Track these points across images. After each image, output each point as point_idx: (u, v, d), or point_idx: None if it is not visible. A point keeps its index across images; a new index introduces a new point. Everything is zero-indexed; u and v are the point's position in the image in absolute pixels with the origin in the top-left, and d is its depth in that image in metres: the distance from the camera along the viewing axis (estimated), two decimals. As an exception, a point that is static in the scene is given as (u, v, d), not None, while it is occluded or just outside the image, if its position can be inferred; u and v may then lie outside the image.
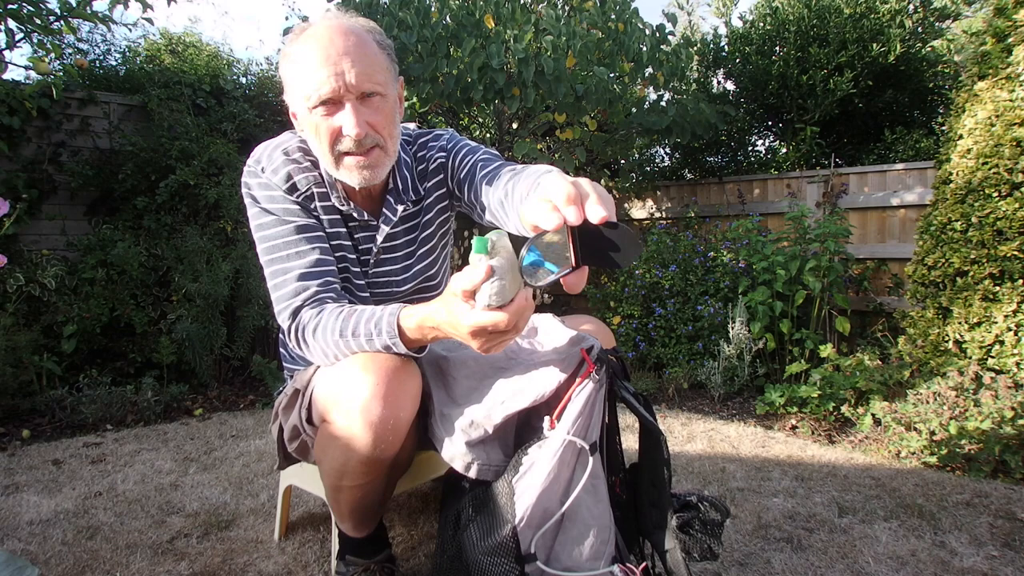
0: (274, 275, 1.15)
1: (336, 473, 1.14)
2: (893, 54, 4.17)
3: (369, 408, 1.01)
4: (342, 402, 1.05)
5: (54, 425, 2.75)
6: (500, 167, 1.16)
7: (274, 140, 1.22)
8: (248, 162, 1.19)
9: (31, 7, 2.58)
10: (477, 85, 3.17)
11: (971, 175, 2.52)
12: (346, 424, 1.05)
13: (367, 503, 1.22)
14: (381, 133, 1.10)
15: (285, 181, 1.16)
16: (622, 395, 1.09)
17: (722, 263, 3.60)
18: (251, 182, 1.18)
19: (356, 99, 1.07)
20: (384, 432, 1.03)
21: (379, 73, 1.09)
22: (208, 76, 4.15)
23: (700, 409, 3.04)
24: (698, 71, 4.96)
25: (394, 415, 1.03)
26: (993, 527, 1.65)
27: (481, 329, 0.86)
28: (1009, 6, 2.56)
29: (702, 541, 1.08)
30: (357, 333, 1.04)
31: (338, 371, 1.07)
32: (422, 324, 0.98)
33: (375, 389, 1.01)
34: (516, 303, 0.85)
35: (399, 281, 1.29)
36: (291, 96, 1.13)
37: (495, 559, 1.00)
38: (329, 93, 1.05)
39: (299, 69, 1.08)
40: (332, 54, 1.05)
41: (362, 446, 1.04)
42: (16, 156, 3.41)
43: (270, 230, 1.16)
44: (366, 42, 1.09)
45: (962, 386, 2.32)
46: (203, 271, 3.29)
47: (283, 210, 1.16)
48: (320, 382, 1.12)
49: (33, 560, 1.48)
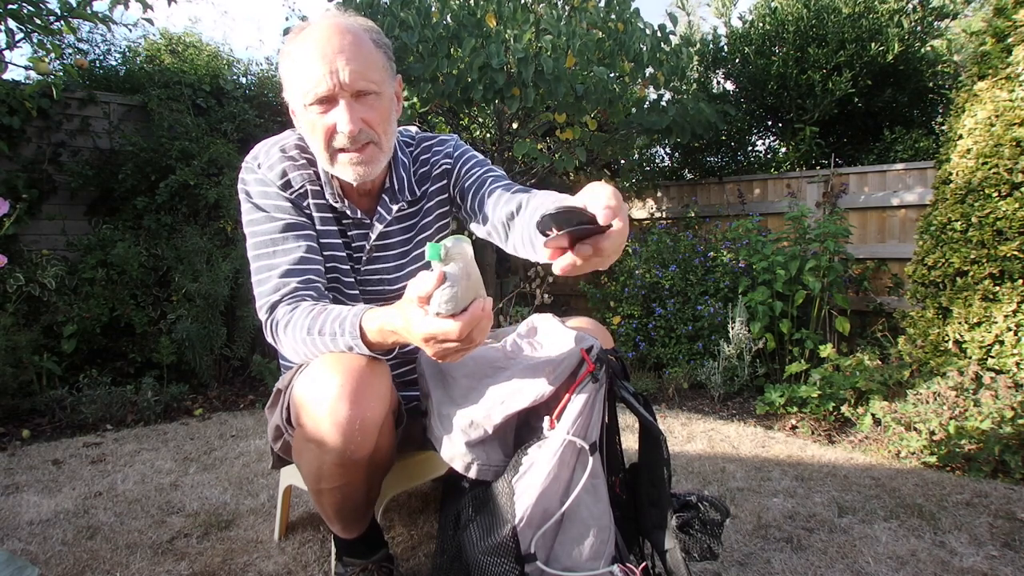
0: (259, 271, 1.16)
1: (313, 476, 1.13)
2: (892, 54, 4.17)
3: (335, 409, 1.01)
4: (311, 404, 1.04)
5: (54, 425, 2.75)
6: (510, 186, 1.19)
7: (273, 138, 1.23)
8: (247, 158, 1.21)
9: (31, 7, 2.58)
10: (477, 85, 3.17)
11: (971, 175, 2.52)
12: (315, 426, 1.04)
13: (350, 504, 1.21)
14: (375, 130, 1.11)
15: (280, 177, 1.18)
16: (622, 395, 1.09)
17: (722, 263, 3.60)
18: (247, 177, 1.20)
19: (351, 96, 1.08)
20: (352, 432, 1.02)
21: (374, 71, 1.10)
22: (208, 76, 4.15)
23: (700, 409, 3.05)
24: (698, 71, 4.96)
25: (360, 415, 1.02)
26: (993, 527, 1.65)
27: (431, 337, 0.87)
28: (1009, 6, 2.56)
29: (702, 541, 1.08)
30: (323, 331, 1.04)
31: (309, 372, 1.07)
32: (382, 328, 0.98)
33: (340, 390, 1.01)
34: (470, 312, 0.85)
35: (391, 280, 1.29)
36: (289, 94, 1.15)
37: (495, 559, 1.00)
38: (324, 91, 1.07)
39: (296, 67, 1.09)
40: (328, 52, 1.06)
41: (332, 447, 1.04)
42: (16, 156, 3.41)
43: (259, 227, 1.18)
44: (362, 40, 1.10)
45: (962, 386, 2.32)
46: (203, 271, 3.29)
47: (274, 207, 1.17)
48: (296, 383, 1.12)
49: (33, 560, 1.49)
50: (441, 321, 0.85)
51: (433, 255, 0.82)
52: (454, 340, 0.85)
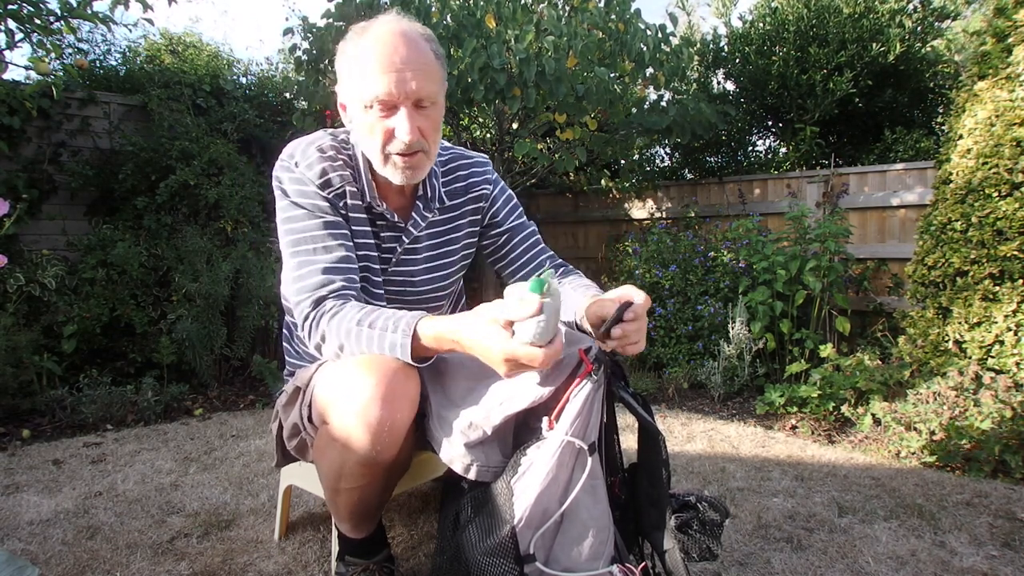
0: (299, 266, 1.17)
1: (334, 475, 1.14)
2: (893, 54, 4.17)
3: (368, 410, 1.02)
4: (341, 403, 1.05)
5: (54, 425, 2.75)
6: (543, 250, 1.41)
7: (308, 137, 1.25)
8: (281, 156, 1.23)
9: (31, 7, 2.58)
10: (478, 85, 3.17)
11: (971, 175, 2.52)
12: (344, 426, 1.05)
13: (365, 505, 1.22)
14: (427, 139, 1.16)
15: (319, 176, 1.19)
16: (620, 395, 1.09)
17: (722, 263, 3.60)
18: (283, 176, 1.21)
19: (412, 105, 1.12)
20: (381, 434, 1.04)
21: (435, 84, 1.15)
22: (208, 76, 4.15)
23: (700, 409, 3.04)
24: (698, 71, 4.96)
25: (392, 417, 1.03)
26: (993, 527, 1.65)
27: (515, 360, 0.93)
28: (1009, 6, 2.56)
29: (701, 541, 1.08)
30: (374, 325, 1.06)
31: (338, 372, 1.08)
32: (441, 335, 1.01)
33: (374, 391, 1.02)
34: (555, 345, 0.93)
35: (415, 283, 1.32)
36: (347, 91, 1.18)
37: (494, 559, 1.00)
38: (388, 97, 1.10)
39: (359, 69, 1.12)
40: (396, 61, 1.10)
41: (360, 448, 1.05)
42: (16, 156, 3.41)
43: (299, 223, 1.18)
44: (426, 52, 1.14)
45: (962, 386, 2.32)
46: (203, 271, 3.29)
47: (313, 205, 1.19)
48: (321, 382, 1.13)
49: (33, 560, 1.49)
50: (530, 348, 0.92)
51: (535, 288, 0.91)
52: (536, 367, 0.93)
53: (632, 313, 1.02)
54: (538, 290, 0.90)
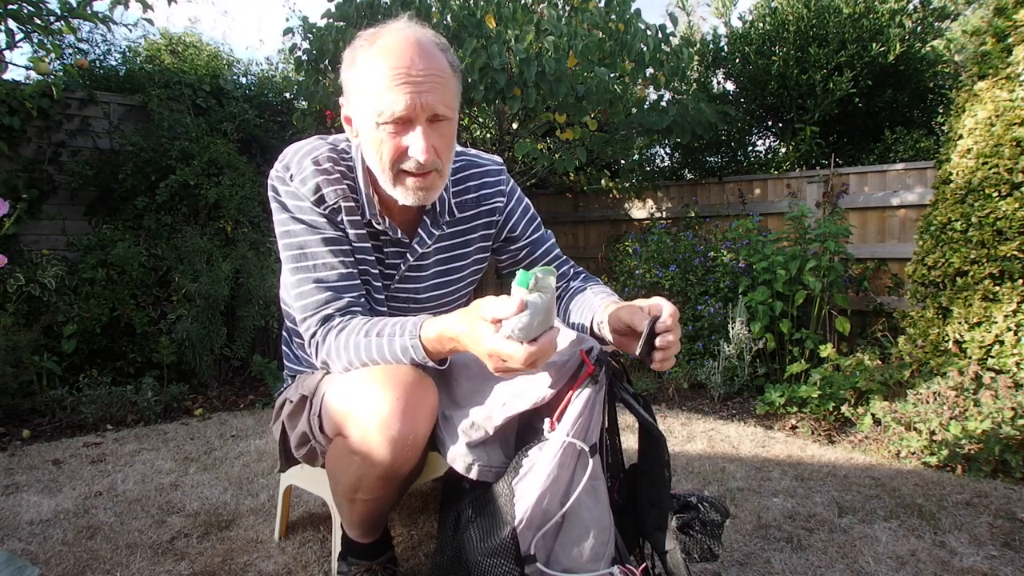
0: (301, 283, 1.14)
1: (351, 487, 1.13)
2: (893, 54, 4.17)
3: (388, 424, 1.01)
4: (359, 417, 1.03)
5: (54, 425, 2.75)
6: (565, 261, 1.40)
7: (304, 145, 1.18)
8: (276, 166, 1.16)
9: (31, 7, 2.58)
10: (478, 85, 3.17)
11: (971, 175, 2.52)
12: (364, 440, 1.04)
13: (377, 514, 1.23)
14: (441, 158, 1.09)
15: (313, 192, 1.13)
16: (622, 396, 1.09)
17: (722, 263, 3.60)
18: (280, 188, 1.15)
19: (427, 120, 1.05)
20: (403, 448, 1.03)
21: (451, 98, 1.09)
22: (208, 76, 4.15)
23: (700, 409, 3.05)
24: (698, 71, 4.96)
25: (413, 430, 1.02)
26: (993, 527, 1.65)
27: (496, 354, 0.91)
28: (1009, 6, 2.56)
29: (702, 542, 1.08)
30: (381, 333, 1.05)
31: (354, 384, 1.06)
32: (441, 334, 1.00)
33: (395, 405, 1.01)
34: (539, 343, 0.90)
35: (420, 299, 1.28)
36: (355, 105, 1.09)
37: (495, 560, 1.00)
38: (404, 113, 1.03)
39: (371, 82, 1.04)
40: (413, 75, 1.02)
41: (380, 462, 1.04)
42: (16, 156, 3.41)
43: (298, 238, 1.14)
44: (442, 65, 1.07)
45: (962, 386, 2.32)
46: (203, 271, 3.29)
47: (311, 220, 1.14)
48: (333, 392, 1.11)
49: (33, 560, 1.49)
50: (510, 344, 0.89)
51: (522, 283, 0.88)
52: (517, 365, 0.91)
53: (664, 325, 1.01)
54: (525, 285, 0.88)
